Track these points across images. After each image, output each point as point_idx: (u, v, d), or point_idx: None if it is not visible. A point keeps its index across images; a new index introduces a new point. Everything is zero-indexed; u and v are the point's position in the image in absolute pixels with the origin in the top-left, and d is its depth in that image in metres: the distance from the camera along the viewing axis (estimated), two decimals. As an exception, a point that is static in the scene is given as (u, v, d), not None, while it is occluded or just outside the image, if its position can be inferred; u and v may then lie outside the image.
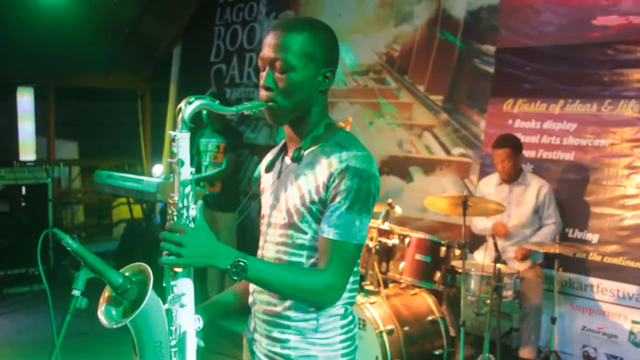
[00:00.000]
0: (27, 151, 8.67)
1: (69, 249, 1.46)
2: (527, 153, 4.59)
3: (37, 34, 6.40)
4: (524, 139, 4.57)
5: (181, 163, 1.55)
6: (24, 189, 6.30)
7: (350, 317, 1.73)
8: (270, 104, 1.65)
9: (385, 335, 3.82)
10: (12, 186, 6.11)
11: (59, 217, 7.09)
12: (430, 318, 4.12)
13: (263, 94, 1.66)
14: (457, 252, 4.23)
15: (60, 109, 7.86)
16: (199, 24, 7.47)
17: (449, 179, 5.10)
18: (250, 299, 1.78)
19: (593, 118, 4.37)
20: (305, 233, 1.65)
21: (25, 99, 8.55)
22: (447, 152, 5.15)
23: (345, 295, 1.68)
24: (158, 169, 7.49)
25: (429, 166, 5.25)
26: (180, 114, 1.54)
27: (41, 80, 7.68)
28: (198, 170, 5.58)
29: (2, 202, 6.03)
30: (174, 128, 1.56)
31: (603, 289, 4.27)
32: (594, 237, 4.32)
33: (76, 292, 1.47)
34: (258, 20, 6.83)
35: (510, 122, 4.76)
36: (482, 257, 4.32)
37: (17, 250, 5.85)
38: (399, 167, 5.41)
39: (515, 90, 4.75)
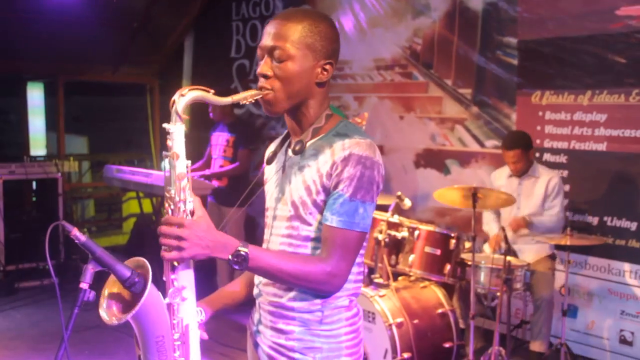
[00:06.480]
0: (38, 146, 8.70)
1: (77, 241, 1.45)
2: (559, 144, 4.63)
3: (47, 29, 6.42)
4: (555, 130, 4.61)
5: (175, 157, 1.52)
6: (34, 184, 6.34)
7: (355, 309, 1.72)
8: (265, 92, 1.63)
9: (394, 328, 3.82)
10: (22, 181, 6.13)
11: (69, 212, 7.12)
12: (439, 311, 4.11)
13: (260, 82, 1.64)
14: (467, 244, 4.21)
15: (69, 104, 7.89)
16: (211, 16, 7.41)
17: (485, 170, 5.08)
18: (256, 291, 1.77)
19: (622, 108, 4.35)
20: (310, 224, 1.64)
21: (35, 94, 8.58)
22: (481, 144, 5.14)
23: (351, 286, 1.68)
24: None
25: (465, 158, 5.26)
26: (174, 106, 1.52)
27: (51, 75, 7.70)
28: (208, 164, 5.59)
29: (12, 196, 6.05)
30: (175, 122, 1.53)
31: None
32: (632, 225, 4.32)
33: (84, 285, 1.47)
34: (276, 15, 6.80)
35: (540, 113, 4.75)
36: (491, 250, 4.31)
37: (28, 244, 5.88)
38: (435, 159, 5.40)
39: (541, 82, 4.74)
